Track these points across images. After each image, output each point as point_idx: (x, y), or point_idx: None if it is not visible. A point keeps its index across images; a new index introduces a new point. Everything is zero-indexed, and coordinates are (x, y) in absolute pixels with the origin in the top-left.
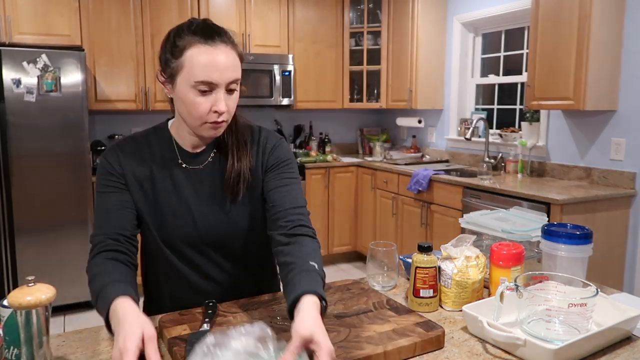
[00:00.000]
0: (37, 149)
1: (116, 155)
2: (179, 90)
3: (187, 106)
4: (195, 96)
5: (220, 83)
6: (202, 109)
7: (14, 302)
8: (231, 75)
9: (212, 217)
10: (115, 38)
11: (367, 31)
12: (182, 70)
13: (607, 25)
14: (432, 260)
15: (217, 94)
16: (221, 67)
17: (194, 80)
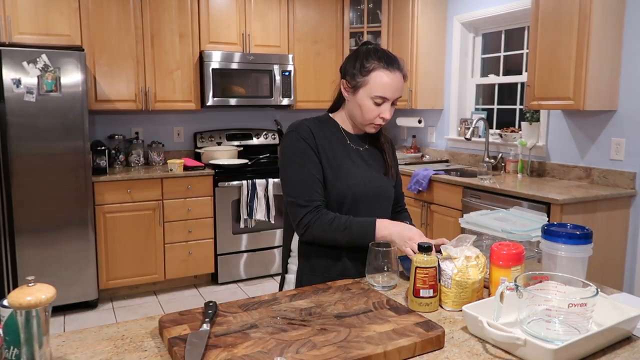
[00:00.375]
0: (37, 149)
1: (309, 131)
2: (359, 97)
3: (362, 110)
4: (371, 105)
5: (390, 99)
6: (373, 115)
7: (14, 302)
8: (398, 94)
9: (375, 178)
10: (115, 38)
11: (367, 31)
12: (366, 85)
13: (607, 25)
14: (432, 260)
15: (385, 106)
16: (394, 88)
17: (375, 95)
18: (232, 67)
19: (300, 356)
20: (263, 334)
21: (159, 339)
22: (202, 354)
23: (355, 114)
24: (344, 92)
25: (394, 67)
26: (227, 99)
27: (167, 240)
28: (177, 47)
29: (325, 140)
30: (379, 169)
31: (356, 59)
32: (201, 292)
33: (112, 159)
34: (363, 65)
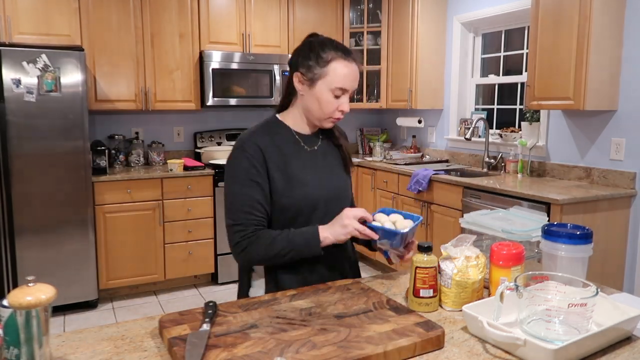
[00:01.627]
0: (37, 149)
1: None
2: (317, 90)
3: (321, 104)
4: (330, 97)
5: (349, 90)
6: (332, 107)
7: (14, 302)
8: (356, 85)
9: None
10: (115, 38)
11: (367, 31)
12: (325, 77)
13: (607, 25)
14: (432, 260)
15: (344, 98)
16: (353, 78)
17: (335, 86)
18: (232, 67)
19: (300, 356)
20: (263, 334)
21: (159, 339)
22: (202, 354)
23: (312, 109)
24: (299, 86)
25: (350, 57)
26: (227, 99)
27: (167, 240)
28: (177, 47)
29: (276, 150)
30: (336, 167)
31: (311, 50)
32: (201, 292)
33: (112, 159)
34: (320, 56)
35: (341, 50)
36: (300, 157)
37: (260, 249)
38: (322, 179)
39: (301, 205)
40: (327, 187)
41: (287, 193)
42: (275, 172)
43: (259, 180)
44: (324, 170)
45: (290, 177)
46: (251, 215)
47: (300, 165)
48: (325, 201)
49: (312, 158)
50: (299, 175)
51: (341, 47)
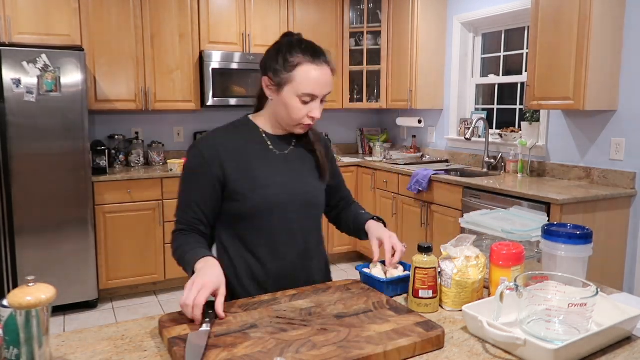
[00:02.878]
0: (37, 149)
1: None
2: (284, 96)
3: (288, 110)
4: (298, 104)
5: (319, 96)
6: (299, 114)
7: (14, 302)
8: (327, 90)
9: (300, 185)
10: (115, 38)
11: (367, 31)
12: (292, 82)
13: (607, 25)
14: (432, 261)
15: (314, 104)
16: (323, 83)
17: (302, 92)
18: (232, 67)
19: (300, 356)
20: (263, 334)
21: (159, 339)
22: (202, 354)
23: (281, 115)
24: (267, 90)
25: (320, 60)
26: (227, 99)
27: (167, 240)
28: (177, 47)
29: (237, 151)
30: (309, 173)
31: (278, 53)
32: None
33: (112, 159)
34: (287, 60)
35: (310, 52)
36: (266, 159)
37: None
38: (288, 183)
39: (260, 207)
40: (291, 192)
41: (248, 194)
42: (235, 173)
43: (202, 181)
44: (291, 174)
45: (251, 179)
46: (186, 214)
47: (264, 167)
48: (287, 205)
49: (280, 161)
50: (261, 177)
51: (311, 50)
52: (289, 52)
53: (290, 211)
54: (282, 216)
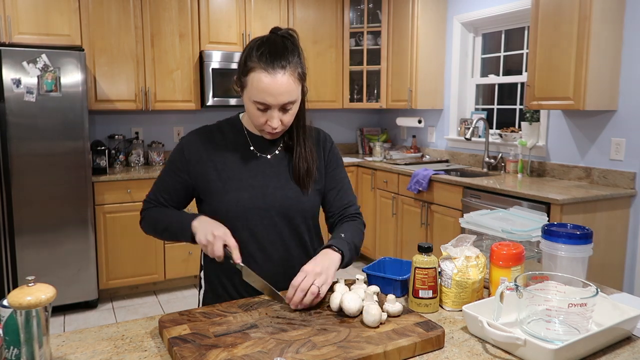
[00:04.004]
0: (37, 149)
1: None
2: (244, 100)
3: (249, 115)
4: (254, 109)
5: (273, 105)
6: (259, 121)
7: (14, 302)
8: (285, 99)
9: (281, 190)
10: (115, 38)
11: (367, 31)
12: (247, 88)
13: (607, 25)
14: (432, 261)
15: (271, 112)
16: (275, 92)
17: (253, 100)
18: (232, 67)
19: (300, 356)
20: (263, 334)
21: (159, 339)
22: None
23: (248, 116)
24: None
25: (275, 66)
26: (227, 99)
27: (167, 240)
28: (177, 47)
29: (218, 151)
30: (291, 178)
31: (243, 54)
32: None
33: (112, 158)
34: (245, 63)
35: (266, 57)
36: (245, 162)
37: (149, 220)
38: (266, 189)
39: (233, 211)
40: (269, 197)
41: (221, 196)
42: (212, 172)
43: (175, 175)
44: (271, 180)
45: (226, 181)
46: (160, 195)
47: (241, 170)
48: (262, 212)
49: (261, 165)
50: (236, 180)
51: (268, 54)
52: (248, 55)
53: (266, 217)
54: (256, 223)
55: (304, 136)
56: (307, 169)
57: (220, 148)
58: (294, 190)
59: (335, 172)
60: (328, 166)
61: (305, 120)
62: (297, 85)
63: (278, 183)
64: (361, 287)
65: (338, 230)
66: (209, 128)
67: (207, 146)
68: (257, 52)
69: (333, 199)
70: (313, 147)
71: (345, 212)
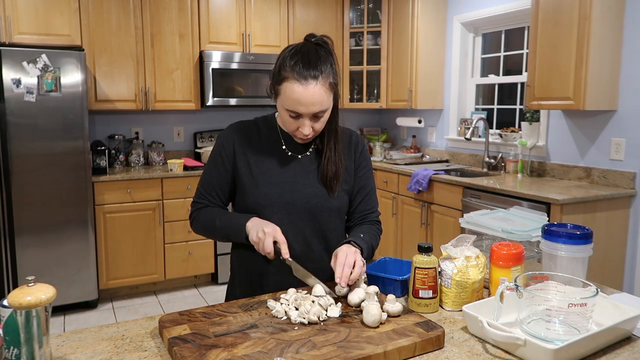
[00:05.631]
0: (37, 149)
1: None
2: (278, 105)
3: (282, 119)
4: (286, 117)
5: (305, 114)
6: (291, 127)
7: (14, 302)
8: (316, 109)
9: (309, 187)
10: (115, 38)
11: (367, 31)
12: (280, 96)
13: (607, 25)
14: (432, 261)
15: (302, 120)
16: (307, 102)
17: (285, 108)
18: (232, 67)
19: (300, 356)
20: (263, 334)
21: (159, 339)
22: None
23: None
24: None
25: (307, 77)
26: (227, 99)
27: (167, 240)
28: (177, 47)
29: (252, 146)
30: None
31: (277, 62)
32: (201, 292)
33: (112, 159)
34: (279, 72)
35: (299, 68)
36: (277, 158)
37: (202, 221)
38: (295, 185)
39: (261, 204)
40: (299, 194)
41: (251, 190)
42: (244, 166)
43: (220, 167)
44: (299, 177)
45: (257, 175)
46: (207, 193)
47: (272, 165)
48: (295, 208)
49: (291, 163)
50: (266, 175)
51: (301, 64)
52: (282, 64)
53: (293, 212)
54: (281, 217)
55: (335, 140)
56: (335, 173)
57: (253, 144)
58: (321, 189)
59: (364, 176)
60: (358, 169)
61: (337, 124)
62: (329, 95)
63: (306, 181)
64: (361, 287)
65: (357, 231)
66: (246, 124)
67: (242, 141)
68: (290, 61)
69: (358, 202)
70: (343, 150)
71: (366, 217)
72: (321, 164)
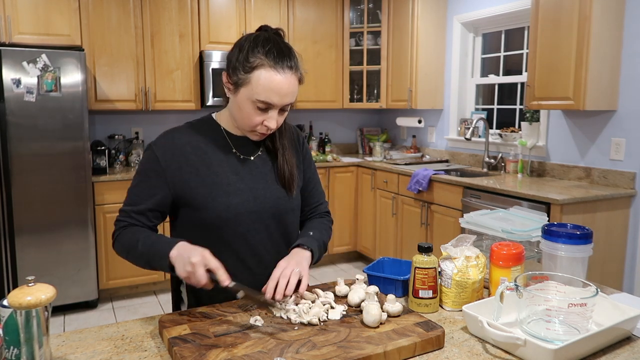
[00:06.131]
0: (37, 149)
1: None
2: (239, 98)
3: (242, 114)
4: (252, 109)
5: (277, 105)
6: (254, 121)
7: (14, 302)
8: (288, 100)
9: (270, 191)
10: (115, 38)
11: (367, 31)
12: (248, 85)
13: (607, 25)
14: (432, 261)
15: (271, 113)
16: (282, 92)
17: (256, 98)
18: None
19: (300, 356)
20: (263, 334)
21: (159, 339)
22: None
23: (235, 117)
24: (225, 87)
25: (284, 66)
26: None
27: None
28: (177, 47)
29: (197, 154)
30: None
31: (240, 50)
32: None
33: (112, 158)
34: (247, 59)
35: (274, 55)
36: (228, 164)
37: (123, 242)
38: (257, 191)
39: (223, 217)
40: (262, 200)
41: (208, 203)
42: (193, 179)
43: (154, 183)
44: (258, 181)
45: (211, 186)
46: (133, 212)
47: (226, 173)
48: (261, 216)
49: (245, 167)
50: (223, 184)
51: (275, 52)
52: (250, 51)
53: (258, 221)
54: (248, 227)
55: (285, 138)
56: (290, 172)
57: (198, 151)
58: (281, 191)
59: (309, 170)
60: (303, 164)
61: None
62: (297, 89)
63: (266, 184)
64: (361, 287)
65: (307, 228)
66: (184, 130)
67: (183, 150)
68: (262, 49)
69: (306, 197)
70: (292, 148)
71: (316, 210)
72: (275, 164)
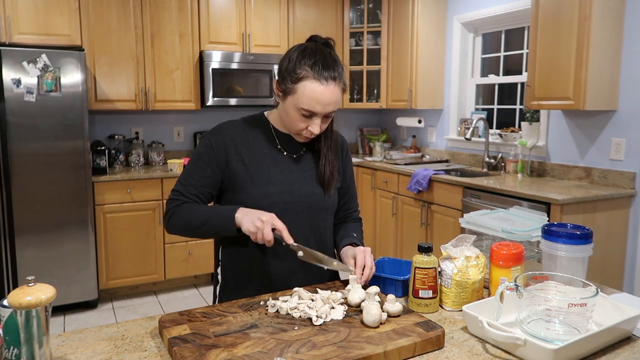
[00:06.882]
0: (37, 149)
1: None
2: (287, 105)
3: (289, 119)
4: (297, 115)
5: (320, 113)
6: (299, 127)
7: (14, 302)
8: (331, 109)
9: (305, 186)
10: (115, 38)
11: (367, 31)
12: (294, 94)
13: (607, 25)
14: (432, 261)
15: (315, 120)
16: (325, 102)
17: (300, 107)
18: (232, 67)
19: (300, 356)
20: (263, 334)
21: (159, 339)
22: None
23: (284, 120)
24: (276, 92)
25: (327, 78)
26: (227, 99)
27: (167, 240)
28: (177, 47)
29: (246, 145)
30: (314, 175)
31: (289, 61)
32: (201, 292)
33: (112, 159)
34: (294, 70)
35: (318, 68)
36: (272, 157)
37: (183, 216)
38: (293, 184)
39: (260, 203)
40: (297, 192)
41: (247, 189)
42: (239, 165)
43: (206, 167)
44: (296, 176)
45: (254, 174)
46: (187, 191)
47: (269, 165)
48: (293, 206)
49: (287, 162)
50: (264, 174)
51: (320, 64)
52: (297, 62)
53: (292, 212)
54: (287, 214)
55: (331, 141)
56: (331, 173)
57: (248, 143)
58: (317, 188)
59: (349, 177)
60: (345, 170)
61: (333, 125)
62: (341, 98)
63: (303, 180)
64: (361, 287)
65: (349, 230)
66: (237, 123)
67: (235, 140)
68: (308, 61)
69: (344, 202)
70: (335, 152)
71: (350, 215)
72: (317, 164)
